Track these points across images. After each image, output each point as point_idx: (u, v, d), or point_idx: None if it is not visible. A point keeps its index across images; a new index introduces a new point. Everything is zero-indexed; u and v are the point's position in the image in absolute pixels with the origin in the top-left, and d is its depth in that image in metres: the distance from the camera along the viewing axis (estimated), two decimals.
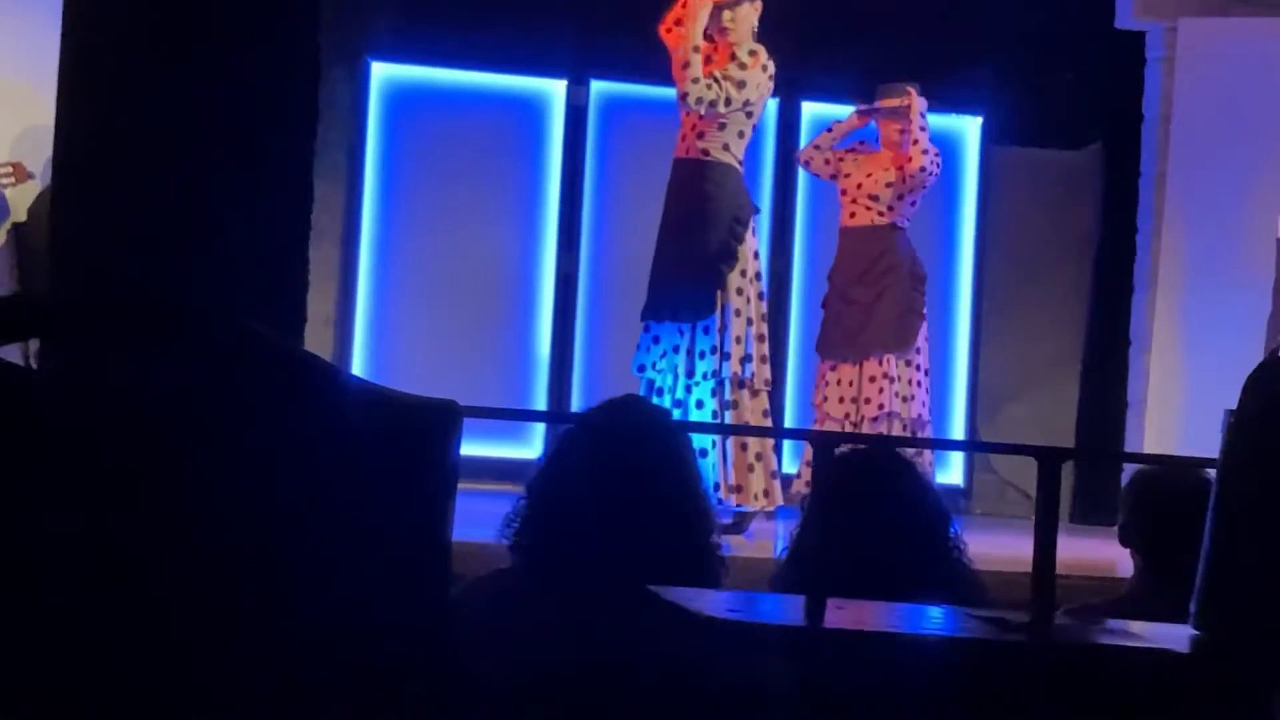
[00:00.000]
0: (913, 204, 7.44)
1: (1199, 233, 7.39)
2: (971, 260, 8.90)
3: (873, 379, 7.27)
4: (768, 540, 5.74)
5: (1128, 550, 3.64)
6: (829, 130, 7.64)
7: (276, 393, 1.80)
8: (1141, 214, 8.46)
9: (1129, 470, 4.02)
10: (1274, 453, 1.87)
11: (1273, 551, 1.84)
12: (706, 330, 6.56)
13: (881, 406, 7.24)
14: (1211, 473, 2.09)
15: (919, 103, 7.38)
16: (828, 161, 7.58)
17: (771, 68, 6.64)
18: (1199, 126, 7.14)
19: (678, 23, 6.74)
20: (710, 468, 6.36)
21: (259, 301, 2.61)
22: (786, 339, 8.67)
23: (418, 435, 1.80)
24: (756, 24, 6.69)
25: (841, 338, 7.37)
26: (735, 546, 5.16)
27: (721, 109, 6.54)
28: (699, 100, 6.50)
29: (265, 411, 1.78)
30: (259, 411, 1.77)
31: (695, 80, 6.51)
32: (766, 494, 6.51)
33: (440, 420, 1.81)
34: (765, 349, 6.72)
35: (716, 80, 6.53)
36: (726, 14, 6.65)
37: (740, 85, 6.55)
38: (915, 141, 7.32)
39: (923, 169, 7.30)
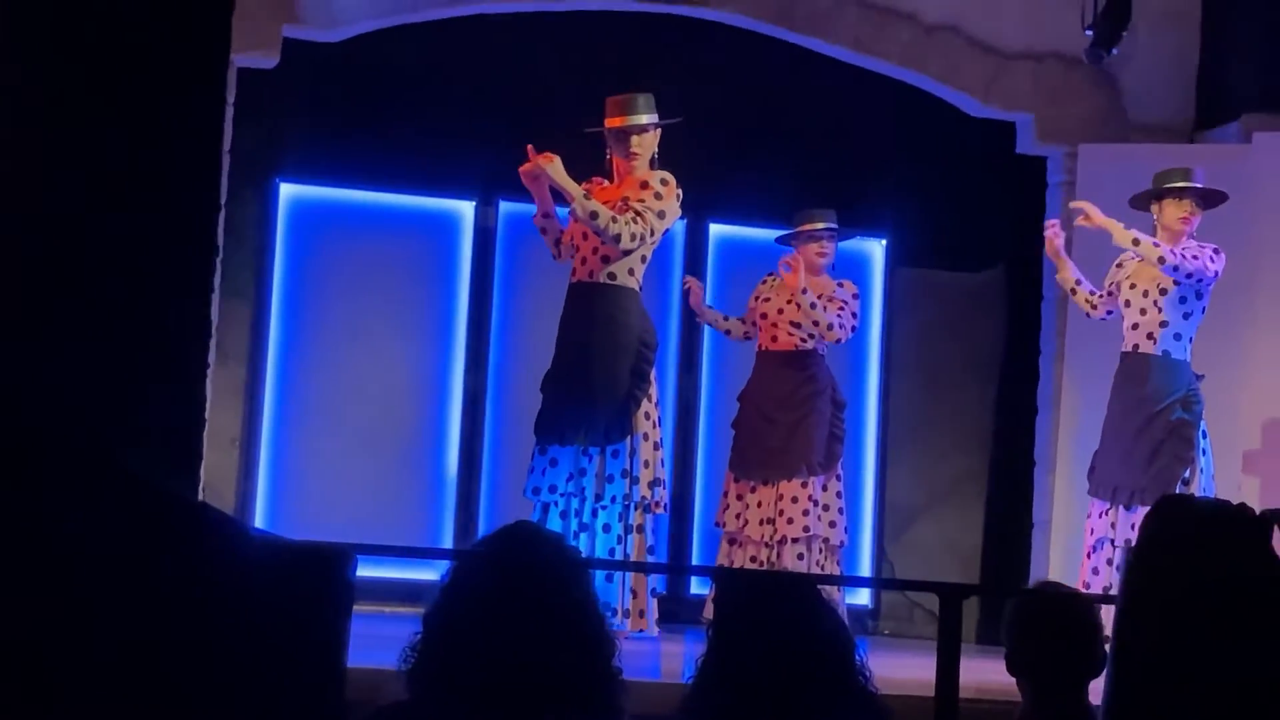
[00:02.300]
0: None
1: (1100, 355, 7.48)
2: (877, 380, 8.96)
3: (795, 499, 7.24)
4: (675, 665, 5.70)
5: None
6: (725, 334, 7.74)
7: (177, 544, 1.79)
8: (1044, 336, 8.57)
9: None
10: (1173, 590, 1.88)
11: (1173, 689, 1.85)
12: (616, 454, 6.53)
13: (806, 529, 7.20)
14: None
15: (801, 273, 7.34)
16: (750, 321, 7.64)
17: (681, 194, 6.67)
18: (1099, 249, 7.25)
19: (545, 215, 6.68)
20: (614, 592, 6.33)
21: (155, 430, 2.58)
22: (695, 460, 8.67)
23: (310, 578, 1.79)
24: (656, 151, 6.72)
25: (761, 458, 7.36)
26: (642, 671, 5.12)
27: (649, 240, 6.53)
28: (633, 236, 6.46)
29: (166, 561, 1.76)
30: (160, 561, 1.76)
31: (614, 219, 6.45)
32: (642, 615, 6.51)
33: (331, 563, 1.80)
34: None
35: (639, 214, 6.49)
36: (635, 139, 6.66)
37: (661, 215, 6.55)
38: (817, 323, 7.33)
39: (838, 341, 7.40)
